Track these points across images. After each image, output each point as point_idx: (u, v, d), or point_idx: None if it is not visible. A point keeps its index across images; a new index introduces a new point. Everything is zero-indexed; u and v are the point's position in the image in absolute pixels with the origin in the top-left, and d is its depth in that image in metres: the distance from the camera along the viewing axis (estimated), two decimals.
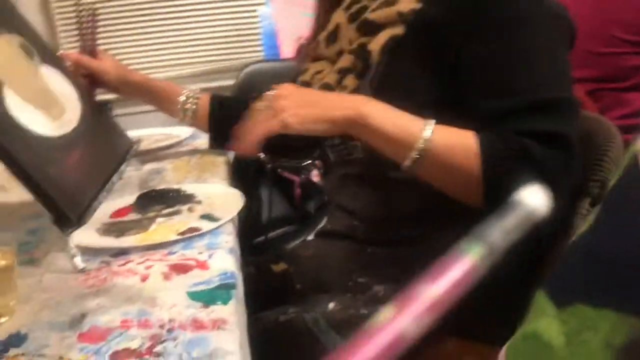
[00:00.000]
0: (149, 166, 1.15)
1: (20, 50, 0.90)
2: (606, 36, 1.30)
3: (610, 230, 0.36)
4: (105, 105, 1.16)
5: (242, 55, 2.29)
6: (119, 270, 0.72)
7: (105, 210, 0.87)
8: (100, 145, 0.97)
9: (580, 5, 1.35)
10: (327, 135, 0.80)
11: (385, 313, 0.20)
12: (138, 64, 2.27)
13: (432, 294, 0.20)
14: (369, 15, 0.82)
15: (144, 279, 0.69)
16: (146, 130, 1.38)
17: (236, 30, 2.31)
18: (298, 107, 0.74)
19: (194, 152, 1.22)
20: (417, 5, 0.79)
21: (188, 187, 0.95)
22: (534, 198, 0.22)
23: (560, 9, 0.78)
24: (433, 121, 0.72)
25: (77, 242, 0.75)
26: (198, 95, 1.12)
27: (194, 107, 1.11)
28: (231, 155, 1.20)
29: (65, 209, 0.72)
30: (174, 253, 0.75)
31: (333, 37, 0.86)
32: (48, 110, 0.86)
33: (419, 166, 0.72)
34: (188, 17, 2.27)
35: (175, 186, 0.96)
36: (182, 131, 1.30)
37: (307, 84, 0.90)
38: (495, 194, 0.69)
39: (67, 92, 0.97)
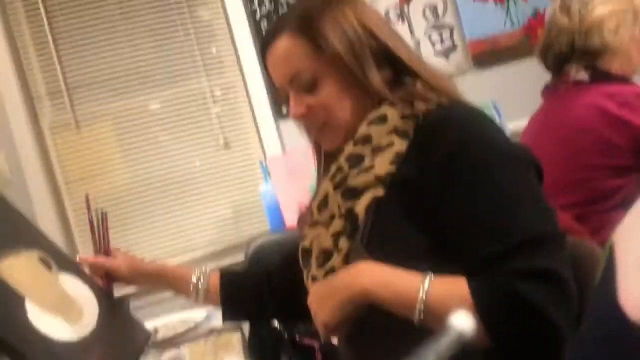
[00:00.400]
0: (167, 354, 1.17)
1: (40, 263, 0.98)
2: (578, 164, 1.38)
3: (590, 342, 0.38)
4: (123, 302, 1.23)
5: (249, 231, 2.39)
6: None
7: None
8: (118, 342, 1.01)
9: (543, 142, 1.46)
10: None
11: None
12: (152, 254, 2.37)
13: None
14: (351, 182, 0.89)
15: None
16: (163, 319, 1.42)
17: (240, 209, 2.43)
18: (324, 306, 0.84)
19: (210, 333, 1.25)
20: (392, 168, 0.86)
21: None
22: (462, 322, 0.27)
23: (524, 150, 0.85)
24: (428, 279, 0.77)
25: None
26: (208, 274, 1.18)
27: (206, 286, 1.16)
28: (246, 331, 1.23)
29: None
30: None
31: (324, 204, 0.94)
32: (67, 315, 0.91)
33: (427, 321, 0.77)
34: (193, 202, 2.40)
35: None
36: (198, 314, 1.34)
37: (307, 250, 0.96)
38: (500, 337, 0.73)
39: (85, 296, 1.03)
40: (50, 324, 0.85)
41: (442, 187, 0.82)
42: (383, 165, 0.87)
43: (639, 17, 1.44)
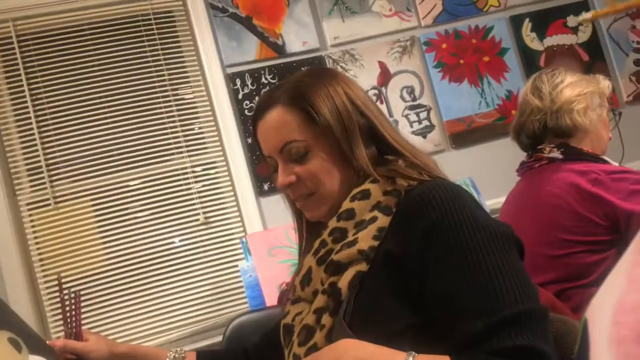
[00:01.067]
0: None
1: (9, 344, 0.94)
2: (557, 240, 1.40)
3: None
4: None
5: (229, 310, 2.34)
6: None
7: None
8: None
9: (521, 219, 1.48)
10: None
11: None
12: (127, 335, 2.29)
13: None
14: (334, 257, 0.89)
15: None
16: None
17: (219, 287, 2.39)
18: None
19: None
20: (375, 243, 0.87)
21: None
22: None
23: (504, 227, 0.85)
24: (411, 358, 0.75)
25: None
26: (184, 354, 1.14)
27: None
28: None
29: None
30: None
31: (306, 279, 0.93)
32: None
33: None
34: (172, 281, 2.35)
35: None
36: None
37: (289, 327, 0.94)
38: None
39: None
40: None
41: (423, 263, 0.82)
42: (366, 239, 0.88)
43: (604, 99, 1.50)
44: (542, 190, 1.45)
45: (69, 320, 1.13)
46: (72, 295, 1.15)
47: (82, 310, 1.17)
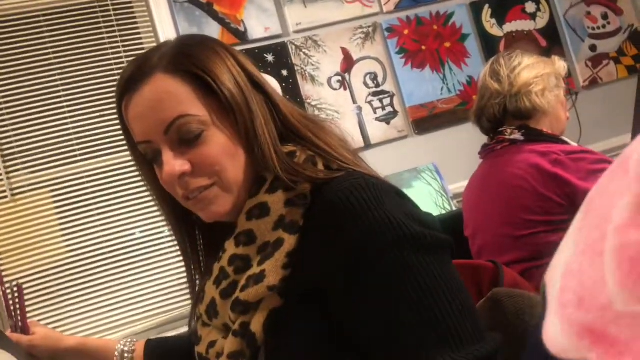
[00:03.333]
0: None
1: None
2: (519, 221, 1.42)
3: None
4: None
5: None
6: None
7: None
8: None
9: (484, 200, 1.51)
10: None
11: None
12: (92, 328, 2.25)
13: None
14: (240, 296, 0.73)
15: None
16: None
17: (184, 278, 2.36)
18: None
19: None
20: (286, 273, 0.72)
21: None
22: None
23: (437, 229, 0.71)
24: None
25: None
26: (133, 345, 1.11)
27: (131, 357, 1.09)
28: None
29: None
30: None
31: (212, 311, 0.78)
32: None
33: None
34: (135, 273, 2.31)
35: None
36: None
37: (203, 358, 0.81)
38: None
39: None
40: None
41: (347, 294, 0.68)
42: (274, 271, 0.71)
43: (560, 80, 1.54)
44: (504, 171, 1.47)
45: (13, 314, 1.10)
46: (15, 288, 1.11)
47: (45, 304, 1.14)
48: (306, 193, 0.74)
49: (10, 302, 1.11)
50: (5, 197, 2.24)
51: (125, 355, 1.10)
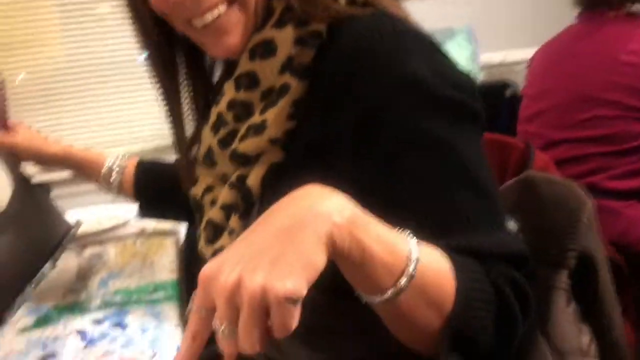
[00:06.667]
0: (90, 250, 1.05)
1: None
2: (609, 99, 1.31)
3: None
4: (42, 187, 1.08)
5: None
6: None
7: None
8: (31, 231, 0.88)
9: (571, 69, 1.39)
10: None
11: None
12: (88, 140, 2.21)
13: None
14: (239, 147, 0.66)
15: None
16: (90, 209, 1.29)
17: None
18: (268, 269, 0.42)
19: (140, 233, 1.14)
20: (291, 125, 0.64)
21: None
22: None
23: (467, 88, 0.61)
24: (411, 234, 0.51)
25: None
26: (124, 162, 1.02)
27: (119, 175, 1.01)
28: (181, 237, 1.11)
29: None
30: (111, 353, 0.66)
31: (209, 160, 0.71)
32: None
33: (407, 296, 0.50)
34: (139, 90, 2.24)
35: None
36: (129, 210, 1.22)
37: (198, 204, 0.74)
38: (459, 338, 0.52)
39: None
40: None
41: (354, 155, 0.59)
42: (278, 122, 0.63)
43: None
44: (614, 43, 1.34)
45: None
46: None
47: (40, 106, 1.04)
48: (321, 31, 0.62)
49: None
50: None
51: (115, 169, 1.01)
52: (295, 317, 0.42)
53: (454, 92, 0.58)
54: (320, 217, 0.46)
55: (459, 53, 2.20)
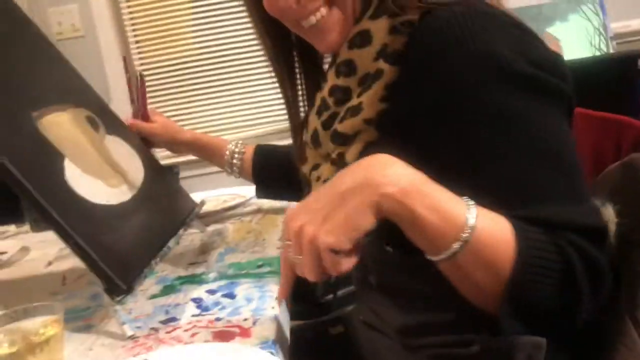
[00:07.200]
0: (212, 227, 1.17)
1: (86, 122, 0.95)
2: None
3: None
4: (171, 169, 1.22)
5: None
6: (165, 338, 0.73)
7: None
8: (160, 210, 0.99)
9: None
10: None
11: None
12: (212, 125, 2.38)
13: None
14: (338, 127, 0.74)
15: None
16: (214, 191, 1.41)
17: None
18: (320, 223, 0.54)
19: (257, 212, 1.24)
20: (382, 106, 0.70)
21: None
22: None
23: (548, 66, 0.63)
24: (471, 202, 0.56)
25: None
26: (243, 148, 1.15)
27: (240, 159, 1.15)
28: None
29: (115, 277, 0.74)
30: (220, 319, 0.75)
31: (315, 141, 0.80)
32: (107, 179, 0.90)
33: (462, 260, 0.56)
34: (264, 78, 2.36)
35: None
36: (249, 190, 1.32)
37: (308, 180, 0.83)
38: (517, 304, 0.56)
39: (131, 160, 1.02)
40: (88, 186, 0.83)
41: (436, 127, 0.64)
42: (372, 103, 0.70)
43: None
44: None
45: (136, 100, 1.15)
46: (138, 76, 1.15)
47: (171, 96, 1.18)
48: (413, 20, 0.67)
49: (134, 89, 1.15)
50: None
51: (236, 155, 1.15)
52: (341, 263, 0.54)
53: (532, 68, 0.61)
54: (370, 187, 0.54)
55: (586, 23, 2.07)
